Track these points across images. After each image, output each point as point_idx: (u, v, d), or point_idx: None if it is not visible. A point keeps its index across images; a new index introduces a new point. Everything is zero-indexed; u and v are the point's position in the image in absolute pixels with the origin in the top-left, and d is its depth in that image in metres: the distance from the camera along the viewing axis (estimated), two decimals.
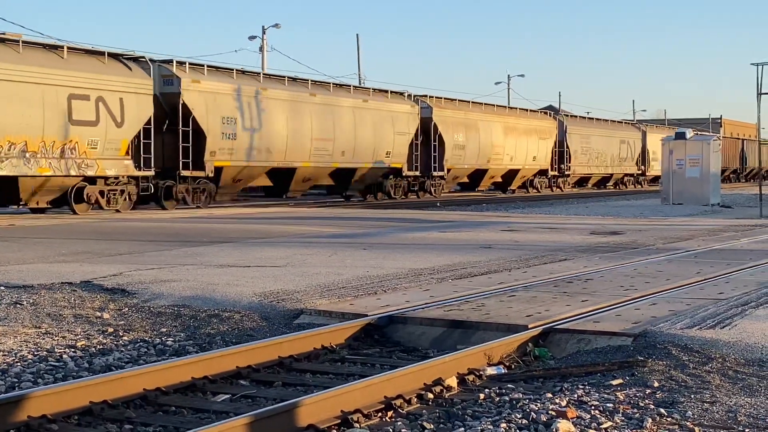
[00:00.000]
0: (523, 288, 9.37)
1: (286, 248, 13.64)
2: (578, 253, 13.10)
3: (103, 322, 7.98)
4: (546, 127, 48.20)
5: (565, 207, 31.37)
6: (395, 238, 15.82)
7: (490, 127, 42.53)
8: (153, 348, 7.08)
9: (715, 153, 31.91)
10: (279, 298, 8.68)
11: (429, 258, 12.20)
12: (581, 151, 52.10)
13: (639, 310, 7.92)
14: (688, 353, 6.41)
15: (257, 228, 17.98)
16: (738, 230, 18.10)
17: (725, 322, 7.30)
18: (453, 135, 39.54)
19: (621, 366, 6.23)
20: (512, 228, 18.40)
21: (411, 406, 5.55)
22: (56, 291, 9.26)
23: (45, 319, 8.05)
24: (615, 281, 9.90)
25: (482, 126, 41.95)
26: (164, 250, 13.26)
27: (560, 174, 50.46)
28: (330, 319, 7.85)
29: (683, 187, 31.27)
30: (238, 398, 5.83)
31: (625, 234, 16.84)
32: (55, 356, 6.73)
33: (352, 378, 6.21)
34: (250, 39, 54.54)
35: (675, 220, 22.31)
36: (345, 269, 10.91)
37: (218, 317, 8.10)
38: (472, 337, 7.24)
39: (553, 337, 7.14)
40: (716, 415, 5.12)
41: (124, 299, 8.91)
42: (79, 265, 11.31)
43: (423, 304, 8.26)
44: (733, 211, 29.08)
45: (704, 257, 12.63)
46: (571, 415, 5.02)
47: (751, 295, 8.77)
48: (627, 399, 5.44)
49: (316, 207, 29.47)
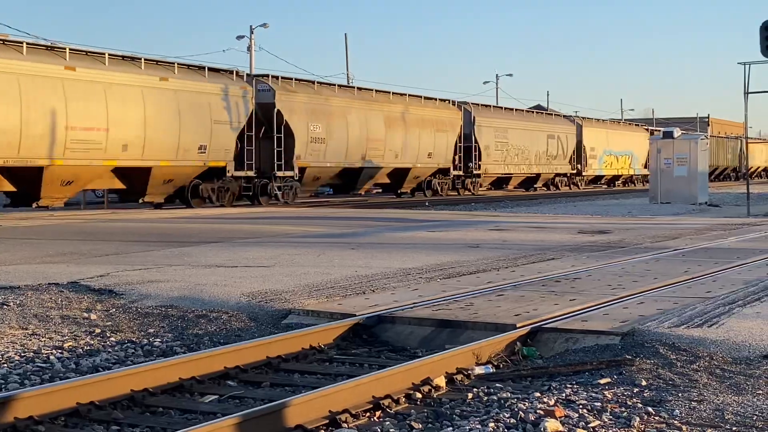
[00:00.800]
0: (512, 287, 9.37)
1: (274, 248, 13.62)
2: (566, 252, 13.12)
3: (90, 323, 7.95)
4: (446, 119, 40.76)
5: (553, 206, 31.43)
6: (384, 238, 15.82)
7: (366, 117, 35.21)
8: (140, 349, 7.06)
9: (702, 152, 32.02)
10: (267, 299, 8.66)
11: (417, 257, 12.20)
12: (495, 147, 44.81)
13: (627, 309, 7.93)
14: (675, 352, 6.43)
15: (245, 228, 17.95)
16: (725, 229, 18.16)
17: (713, 321, 7.32)
18: (308, 126, 31.93)
19: (609, 365, 6.24)
20: (500, 227, 18.41)
21: (399, 405, 5.54)
22: (43, 292, 9.23)
23: (32, 320, 8.01)
24: (603, 280, 9.91)
25: (353, 115, 34.51)
26: (152, 251, 13.22)
27: (467, 174, 43.29)
28: (318, 319, 7.84)
29: (671, 186, 31.36)
30: (226, 399, 5.81)
31: (613, 233, 16.88)
32: (42, 357, 6.70)
33: (340, 378, 6.20)
34: (238, 38, 54.61)
35: (663, 219, 22.37)
36: (333, 269, 10.90)
37: (206, 318, 8.08)
38: (461, 337, 7.24)
39: (541, 336, 7.14)
40: (704, 413, 5.13)
41: (112, 300, 8.88)
42: (66, 265, 11.27)
43: (411, 304, 8.26)
44: (720, 209, 29.19)
45: (692, 256, 12.66)
46: (559, 414, 5.02)
47: (739, 294, 8.79)
48: (615, 398, 5.45)
49: (307, 207, 29.42)
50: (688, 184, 31.22)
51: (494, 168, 45.23)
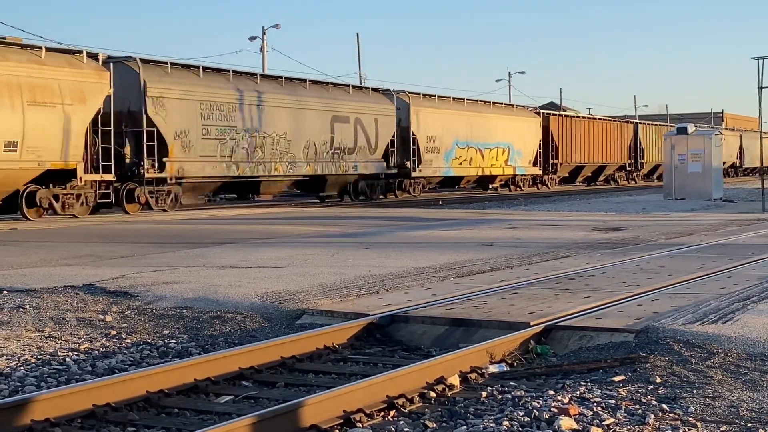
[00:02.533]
0: (525, 285, 9.37)
1: (288, 248, 13.65)
2: (580, 250, 13.10)
3: (105, 325, 7.99)
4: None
5: (567, 204, 31.36)
6: (397, 237, 15.83)
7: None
8: (156, 350, 7.09)
9: (717, 147, 31.89)
10: (281, 299, 8.69)
11: (431, 256, 12.21)
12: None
13: (641, 306, 7.92)
14: (690, 348, 6.42)
15: (259, 228, 17.99)
16: (740, 225, 18.09)
17: (727, 317, 7.30)
18: None
19: (623, 362, 6.23)
20: (514, 225, 18.40)
21: (413, 405, 5.55)
22: (59, 294, 9.28)
23: (48, 322, 8.06)
24: (617, 277, 9.90)
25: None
26: (166, 252, 13.27)
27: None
28: (332, 319, 7.86)
29: (685, 182, 31.24)
30: (241, 399, 5.84)
31: (627, 230, 16.84)
32: (58, 360, 6.74)
33: (354, 378, 6.21)
34: (251, 40, 54.56)
35: (677, 216, 22.30)
36: (347, 269, 10.92)
37: (221, 318, 8.11)
38: (474, 335, 7.25)
39: (555, 334, 7.14)
40: (718, 410, 5.13)
41: (127, 302, 8.92)
42: (81, 268, 11.33)
43: (425, 303, 8.27)
44: (735, 205, 29.05)
45: (706, 252, 12.63)
46: (573, 411, 5.02)
47: (753, 290, 8.77)
48: (629, 395, 5.45)
49: (316, 207, 29.45)
50: (703, 180, 31.10)
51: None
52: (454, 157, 38.92)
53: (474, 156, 40.37)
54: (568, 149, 48.62)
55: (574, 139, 49.21)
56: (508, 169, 43.15)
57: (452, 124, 38.63)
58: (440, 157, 38.04)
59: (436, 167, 37.85)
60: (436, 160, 37.75)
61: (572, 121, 50.07)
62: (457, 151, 39.03)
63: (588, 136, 50.72)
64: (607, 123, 54.67)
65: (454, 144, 38.80)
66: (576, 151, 49.46)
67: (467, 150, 39.78)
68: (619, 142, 54.74)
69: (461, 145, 39.28)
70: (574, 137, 49.20)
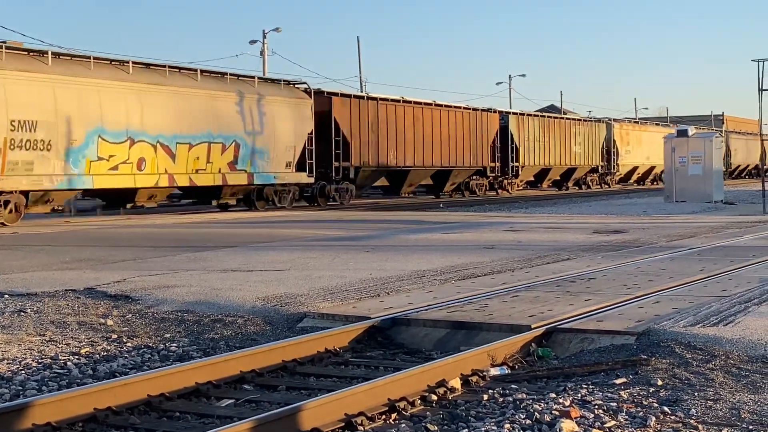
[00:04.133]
0: (526, 288, 9.37)
1: (288, 252, 13.65)
2: (581, 252, 13.10)
3: (106, 329, 7.99)
4: None
5: (568, 206, 31.36)
6: (398, 240, 15.83)
7: None
8: (157, 354, 7.09)
9: (717, 150, 31.89)
10: (282, 302, 8.69)
11: (432, 259, 12.21)
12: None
13: (642, 309, 7.92)
14: (691, 351, 6.41)
15: (259, 232, 17.99)
16: (741, 227, 18.09)
17: (728, 320, 7.30)
18: None
19: (624, 365, 6.23)
20: (515, 228, 18.39)
21: (415, 408, 5.55)
22: (60, 298, 9.28)
23: (49, 326, 8.06)
24: (618, 280, 9.89)
25: None
26: (167, 256, 13.28)
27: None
28: (333, 322, 7.86)
29: (686, 184, 31.23)
30: (242, 403, 5.84)
31: (627, 232, 16.84)
32: (60, 363, 6.74)
33: (355, 381, 6.21)
34: (251, 43, 54.60)
35: (678, 218, 22.29)
36: (348, 272, 10.92)
37: (222, 322, 8.11)
38: (476, 338, 7.25)
39: (556, 336, 7.14)
40: (720, 412, 5.12)
41: (128, 305, 8.93)
42: (82, 272, 11.33)
43: (426, 306, 8.27)
44: (736, 207, 29.04)
45: (707, 254, 12.62)
46: (574, 414, 5.02)
47: (755, 292, 8.77)
48: (630, 398, 5.45)
49: (318, 210, 29.45)
50: (703, 182, 31.09)
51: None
52: None
53: None
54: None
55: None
56: (239, 176, 27.31)
57: None
58: None
59: None
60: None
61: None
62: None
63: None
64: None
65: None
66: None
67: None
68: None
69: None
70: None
